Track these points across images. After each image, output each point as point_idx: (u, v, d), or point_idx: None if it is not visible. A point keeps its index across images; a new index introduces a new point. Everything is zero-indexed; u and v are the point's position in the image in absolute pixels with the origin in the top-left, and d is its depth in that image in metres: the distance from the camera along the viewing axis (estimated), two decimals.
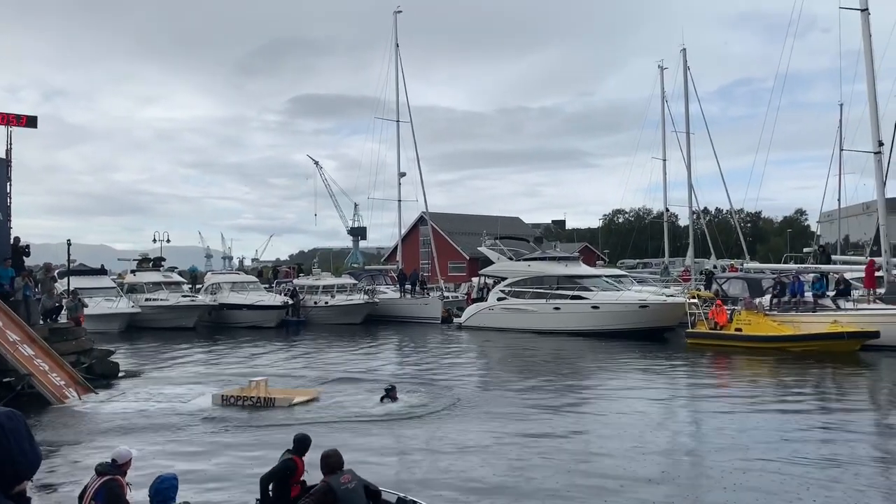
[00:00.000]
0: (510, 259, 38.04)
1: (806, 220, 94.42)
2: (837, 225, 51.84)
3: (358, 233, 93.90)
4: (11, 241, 20.48)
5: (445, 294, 44.68)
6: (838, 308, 26.18)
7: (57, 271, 27.24)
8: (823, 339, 23.99)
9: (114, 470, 6.78)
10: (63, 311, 22.68)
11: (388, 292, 45.42)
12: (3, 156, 20.51)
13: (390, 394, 15.82)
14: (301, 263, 58.95)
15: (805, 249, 45.35)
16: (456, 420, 14.07)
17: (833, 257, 36.60)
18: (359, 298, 41.73)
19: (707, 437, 13.00)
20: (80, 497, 6.68)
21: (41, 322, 20.13)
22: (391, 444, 12.46)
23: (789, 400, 16.48)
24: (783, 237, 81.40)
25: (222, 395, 16.22)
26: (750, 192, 79.62)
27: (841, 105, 45.31)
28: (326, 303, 42.05)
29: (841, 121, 46.01)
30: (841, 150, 45.40)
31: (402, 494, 7.50)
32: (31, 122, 21.52)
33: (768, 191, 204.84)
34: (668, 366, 22.61)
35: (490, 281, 39.79)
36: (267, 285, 47.95)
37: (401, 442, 12.65)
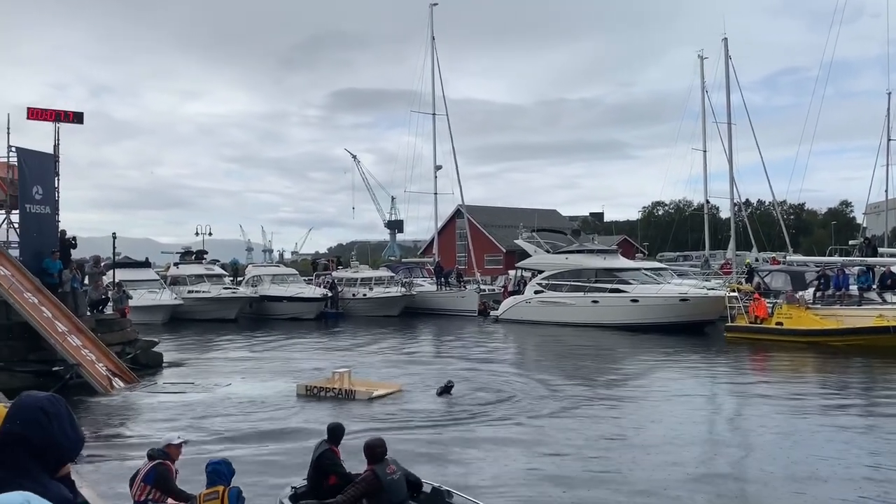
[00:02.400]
0: (547, 252, 37.85)
1: (851, 211, 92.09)
2: (885, 217, 50.46)
3: (395, 226, 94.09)
4: (59, 234, 21.07)
5: (482, 287, 44.70)
6: (884, 302, 25.58)
7: (103, 264, 27.91)
8: (868, 334, 23.47)
9: (163, 455, 7.04)
10: (109, 303, 23.26)
11: (425, 285, 45.59)
12: (51, 151, 21.08)
13: (448, 389, 15.94)
14: (339, 256, 59.37)
15: (851, 242, 44.28)
16: (513, 422, 13.69)
17: (880, 250, 35.65)
18: (396, 291, 41.96)
19: (747, 440, 12.51)
20: (132, 480, 6.95)
21: (88, 313, 20.69)
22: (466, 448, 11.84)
23: (832, 398, 16.15)
24: (828, 229, 79.56)
25: (306, 386, 16.35)
26: (793, 183, 78.31)
27: (889, 93, 44.09)
28: (364, 295, 42.35)
29: (889, 109, 44.76)
30: (889, 139, 44.21)
31: (436, 484, 7.58)
32: (77, 118, 22.01)
33: (814, 182, 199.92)
34: (706, 361, 22.33)
35: (527, 274, 39.66)
36: (306, 278, 48.52)
37: (481, 445, 12.01)
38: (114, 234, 30.03)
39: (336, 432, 7.85)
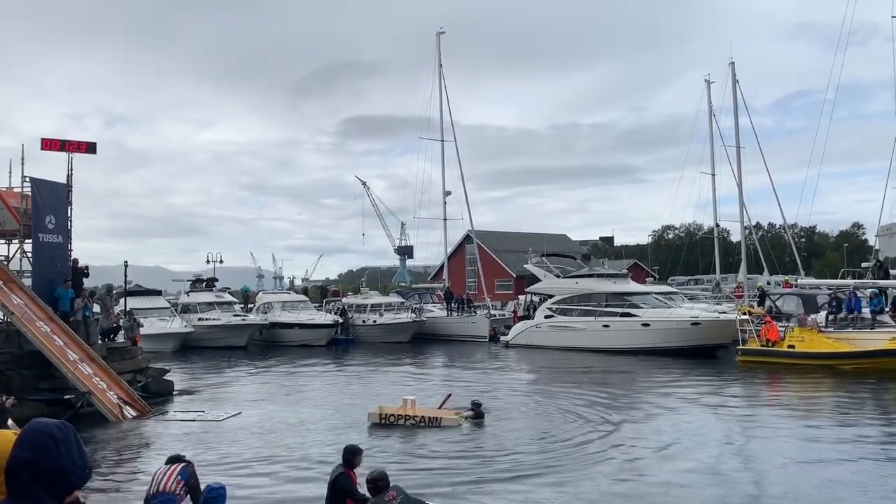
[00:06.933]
0: (557, 276, 37.79)
1: (863, 234, 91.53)
2: None
3: (405, 252, 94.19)
4: (71, 263, 21.24)
5: (492, 312, 44.62)
6: None
7: (115, 292, 28.07)
8: (881, 357, 23.27)
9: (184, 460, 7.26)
10: (120, 331, 23.35)
11: (435, 311, 45.55)
12: (65, 181, 21.33)
13: (479, 410, 15.85)
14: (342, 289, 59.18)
15: (863, 264, 43.96)
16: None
17: (892, 272, 35.38)
18: (406, 317, 41.96)
19: (760, 472, 12.12)
20: (156, 481, 6.99)
21: (99, 341, 20.78)
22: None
23: (847, 423, 15.82)
24: (840, 252, 79.10)
25: (380, 414, 15.79)
26: (804, 206, 78.18)
27: None
28: (374, 321, 42.36)
29: None
30: None
31: None
32: (90, 148, 22.27)
33: (827, 204, 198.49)
34: (717, 386, 22.06)
35: (537, 299, 39.58)
36: (316, 304, 48.55)
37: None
38: (125, 262, 30.28)
39: (353, 454, 7.99)
